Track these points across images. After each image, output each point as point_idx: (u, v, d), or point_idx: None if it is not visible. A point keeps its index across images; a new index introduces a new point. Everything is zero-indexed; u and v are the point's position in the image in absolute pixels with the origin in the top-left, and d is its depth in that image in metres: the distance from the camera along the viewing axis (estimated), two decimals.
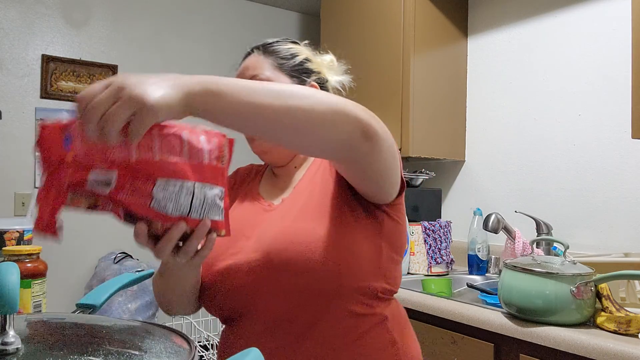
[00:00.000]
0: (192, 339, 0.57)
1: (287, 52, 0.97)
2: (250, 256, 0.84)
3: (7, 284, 0.46)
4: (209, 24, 3.00)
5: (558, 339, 1.22)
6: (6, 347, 0.45)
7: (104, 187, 0.59)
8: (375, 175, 0.79)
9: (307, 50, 1.01)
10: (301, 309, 0.82)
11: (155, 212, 0.60)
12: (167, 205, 0.61)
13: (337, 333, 0.83)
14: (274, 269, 0.82)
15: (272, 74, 0.94)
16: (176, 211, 0.61)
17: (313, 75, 0.98)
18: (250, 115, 0.65)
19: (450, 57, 2.32)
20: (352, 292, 0.82)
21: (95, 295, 0.83)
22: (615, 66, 1.84)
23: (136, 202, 0.60)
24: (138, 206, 0.60)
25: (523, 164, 2.12)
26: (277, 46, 0.97)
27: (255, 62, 0.96)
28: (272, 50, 0.97)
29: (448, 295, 1.78)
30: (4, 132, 2.44)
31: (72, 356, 0.46)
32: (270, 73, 0.94)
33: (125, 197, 0.59)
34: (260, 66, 0.94)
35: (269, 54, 0.96)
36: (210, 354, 1.63)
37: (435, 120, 2.25)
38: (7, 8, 2.45)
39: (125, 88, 0.55)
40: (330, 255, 0.81)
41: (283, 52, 0.97)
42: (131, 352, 0.50)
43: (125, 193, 0.59)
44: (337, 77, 1.04)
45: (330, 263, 0.80)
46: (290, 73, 0.96)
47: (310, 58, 1.00)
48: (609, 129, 1.86)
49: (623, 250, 1.77)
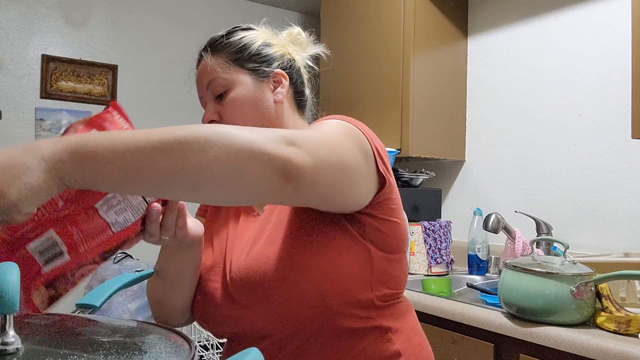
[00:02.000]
0: (192, 339, 0.57)
1: (240, 43, 0.87)
2: (226, 281, 0.80)
3: (7, 284, 0.46)
4: (209, 24, 2.99)
5: (558, 339, 1.22)
6: (6, 347, 0.45)
7: (56, 255, 0.54)
8: (318, 202, 0.70)
9: (265, 32, 0.92)
10: (294, 333, 0.77)
11: (122, 230, 0.58)
12: (126, 216, 0.58)
13: (333, 354, 0.76)
14: (249, 297, 0.77)
15: (229, 73, 0.86)
16: (138, 211, 0.61)
17: (275, 61, 0.89)
18: (140, 182, 0.55)
19: (450, 57, 2.31)
20: (341, 309, 0.74)
21: (95, 295, 0.83)
22: (615, 66, 1.84)
23: (100, 241, 0.57)
24: (105, 242, 0.57)
25: (523, 164, 2.12)
26: (227, 39, 0.88)
27: (206, 66, 0.87)
28: (222, 46, 0.88)
29: (448, 295, 1.78)
30: (4, 132, 2.43)
31: (72, 356, 0.46)
32: (226, 74, 0.85)
33: (88, 246, 0.56)
34: (213, 69, 0.86)
35: (219, 52, 0.87)
36: (210, 354, 1.63)
37: (435, 120, 2.25)
38: (7, 8, 2.45)
39: None
40: (305, 277, 0.73)
41: (234, 45, 0.87)
42: (131, 352, 0.50)
43: (84, 244, 0.55)
44: (304, 53, 0.95)
45: (306, 285, 0.72)
46: (249, 66, 0.86)
47: (270, 41, 0.90)
48: (609, 129, 1.86)
49: (623, 250, 1.77)
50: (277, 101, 0.88)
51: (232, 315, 0.79)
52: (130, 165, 0.53)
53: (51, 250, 0.55)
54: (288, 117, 0.91)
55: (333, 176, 0.66)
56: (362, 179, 0.73)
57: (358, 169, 0.71)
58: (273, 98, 0.88)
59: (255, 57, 0.87)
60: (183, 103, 2.84)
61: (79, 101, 2.60)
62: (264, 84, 0.88)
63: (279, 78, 0.89)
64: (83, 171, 0.52)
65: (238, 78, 0.86)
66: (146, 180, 0.55)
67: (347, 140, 0.71)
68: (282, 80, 0.89)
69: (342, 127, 0.74)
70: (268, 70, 0.88)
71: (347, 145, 0.70)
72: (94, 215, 0.55)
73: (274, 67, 0.88)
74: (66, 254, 0.55)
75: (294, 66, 0.92)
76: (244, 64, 0.87)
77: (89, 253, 0.56)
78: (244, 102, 0.86)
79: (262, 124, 0.86)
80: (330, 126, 0.73)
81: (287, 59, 0.91)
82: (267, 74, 0.87)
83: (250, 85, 0.87)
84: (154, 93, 2.81)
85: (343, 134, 0.72)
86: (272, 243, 0.78)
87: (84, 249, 0.55)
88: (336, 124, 0.74)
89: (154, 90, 2.81)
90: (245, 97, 0.86)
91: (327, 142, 0.67)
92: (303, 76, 0.94)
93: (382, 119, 2.25)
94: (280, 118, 0.89)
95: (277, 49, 0.90)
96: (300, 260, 0.74)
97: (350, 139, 0.72)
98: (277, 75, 0.88)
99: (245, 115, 0.86)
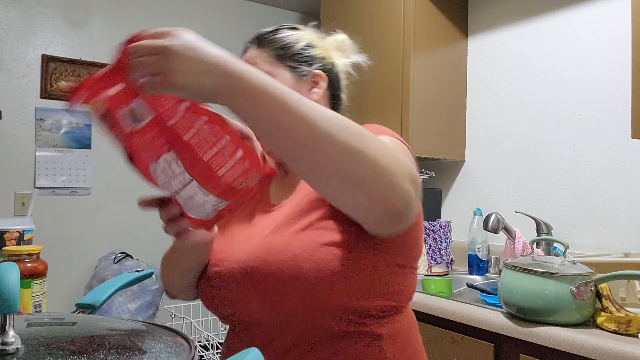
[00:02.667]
0: (192, 339, 0.57)
1: (285, 41, 0.89)
2: (233, 266, 0.81)
3: (7, 284, 0.46)
4: (209, 24, 3.00)
5: (558, 339, 1.22)
6: (6, 347, 0.45)
7: (133, 121, 0.58)
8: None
9: (311, 34, 0.93)
10: (285, 327, 0.77)
11: (148, 172, 0.62)
12: (159, 176, 0.62)
13: (321, 355, 0.76)
14: (251, 283, 0.77)
15: (270, 67, 0.87)
16: (163, 186, 0.63)
17: (316, 62, 0.90)
18: (314, 144, 0.58)
19: (450, 57, 2.31)
20: (332, 312, 0.74)
21: (95, 295, 0.83)
22: (615, 66, 1.84)
23: (142, 154, 0.60)
24: (141, 159, 0.61)
25: (523, 164, 2.12)
26: (273, 36, 0.90)
27: (250, 57, 0.89)
28: (268, 40, 0.90)
29: (448, 295, 1.78)
30: (4, 132, 2.44)
31: (72, 356, 0.46)
32: (268, 67, 0.87)
33: (138, 144, 0.59)
34: (255, 61, 0.88)
35: (265, 46, 0.89)
36: (210, 354, 1.63)
37: (435, 121, 2.25)
38: (7, 8, 2.45)
39: (170, 55, 0.55)
40: (301, 274, 0.72)
41: (280, 41, 0.89)
42: (131, 352, 0.50)
43: (140, 140, 0.59)
44: (345, 60, 0.96)
45: (300, 283, 0.72)
46: (290, 64, 0.88)
47: (314, 43, 0.92)
48: (609, 129, 1.86)
49: (623, 250, 1.77)
50: (314, 100, 0.88)
51: (230, 298, 0.81)
52: (314, 122, 0.58)
53: (133, 118, 0.59)
54: None
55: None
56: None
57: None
58: (308, 97, 0.87)
59: (297, 56, 0.89)
60: None
61: None
62: (302, 82, 0.89)
63: (317, 79, 0.90)
64: (255, 106, 0.57)
65: (278, 72, 0.87)
66: (323, 144, 0.58)
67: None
68: (319, 81, 0.90)
69: (408, 152, 0.78)
70: (307, 70, 0.89)
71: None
72: (165, 150, 0.60)
73: (313, 67, 0.90)
74: (129, 129, 0.59)
75: (333, 70, 0.93)
76: (285, 61, 0.88)
77: (130, 145, 0.61)
78: None
79: None
80: (402, 150, 0.76)
81: (328, 62, 0.92)
82: (306, 73, 0.89)
83: (288, 81, 0.88)
84: None
85: (413, 161, 0.76)
86: (278, 234, 0.78)
87: (135, 141, 0.60)
88: (403, 147, 0.78)
89: None
90: None
91: (416, 177, 0.70)
92: (341, 81, 0.96)
93: (382, 119, 2.25)
94: None
95: (320, 51, 0.92)
96: (300, 255, 0.73)
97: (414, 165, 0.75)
98: (316, 75, 0.90)
99: None
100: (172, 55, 0.55)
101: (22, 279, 1.07)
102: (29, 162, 2.48)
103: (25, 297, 1.09)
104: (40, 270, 1.14)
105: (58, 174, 2.53)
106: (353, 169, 0.59)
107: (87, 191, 2.62)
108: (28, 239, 1.39)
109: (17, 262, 1.06)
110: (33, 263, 1.13)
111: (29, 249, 1.14)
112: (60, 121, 2.55)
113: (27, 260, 1.13)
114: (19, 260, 1.11)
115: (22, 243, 1.38)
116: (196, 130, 0.58)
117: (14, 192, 2.45)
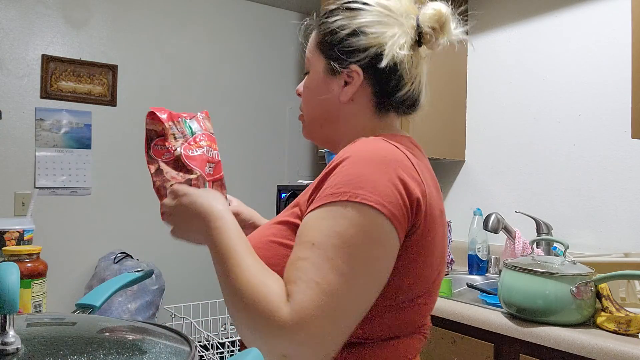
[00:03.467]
0: (192, 339, 0.57)
1: (329, 28, 0.81)
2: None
3: (7, 284, 0.46)
4: (209, 23, 3.00)
5: (558, 339, 1.22)
6: (6, 347, 0.45)
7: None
8: None
9: (372, 14, 0.79)
10: None
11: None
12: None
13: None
14: None
15: (312, 54, 0.84)
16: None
17: (357, 55, 0.78)
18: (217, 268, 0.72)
19: (450, 57, 2.31)
20: None
21: (95, 295, 0.83)
22: (615, 66, 1.84)
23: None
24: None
25: (523, 164, 2.12)
26: (324, 19, 0.83)
27: (311, 41, 0.86)
28: (320, 24, 0.83)
29: (448, 295, 1.78)
30: (4, 132, 2.44)
31: (72, 356, 0.46)
32: (311, 54, 0.84)
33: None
34: (310, 45, 0.85)
35: (316, 29, 0.84)
36: (210, 354, 1.63)
37: (435, 120, 2.25)
38: (7, 8, 2.45)
39: (181, 212, 0.79)
40: None
41: (326, 26, 0.81)
42: (131, 352, 0.50)
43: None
44: (402, 51, 0.77)
45: None
46: (326, 55, 0.81)
47: (365, 27, 0.78)
48: (609, 129, 1.86)
49: (623, 250, 1.77)
50: (341, 100, 0.81)
51: None
52: (221, 272, 0.70)
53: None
54: (357, 118, 0.82)
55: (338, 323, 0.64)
56: (384, 268, 0.67)
57: (377, 275, 0.66)
58: (339, 96, 0.81)
59: (337, 46, 0.79)
60: (183, 103, 2.85)
61: (79, 101, 2.60)
62: (334, 79, 0.81)
63: (352, 74, 0.80)
64: (211, 254, 0.73)
65: (315, 64, 0.84)
66: (223, 289, 0.70)
67: (358, 261, 0.64)
68: (354, 78, 0.80)
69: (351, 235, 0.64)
70: (340, 65, 0.79)
71: (357, 272, 0.64)
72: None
73: (351, 61, 0.79)
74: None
75: (380, 61, 0.77)
76: (323, 50, 0.82)
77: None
78: (310, 92, 0.85)
79: (325, 118, 0.84)
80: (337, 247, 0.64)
81: (374, 53, 0.78)
82: (338, 70, 0.80)
83: (319, 74, 0.83)
84: (154, 93, 2.81)
85: (351, 254, 0.63)
86: (264, 229, 0.78)
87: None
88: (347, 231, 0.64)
89: (154, 90, 2.81)
90: (311, 84, 0.85)
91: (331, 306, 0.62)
92: (401, 73, 0.80)
93: None
94: (343, 118, 0.83)
95: (368, 40, 0.78)
96: (254, 247, 0.73)
97: (362, 249, 0.64)
98: (351, 71, 0.79)
99: (310, 105, 0.86)
100: (185, 207, 0.79)
101: (22, 279, 1.07)
102: (29, 162, 2.48)
103: (25, 297, 1.09)
104: (40, 270, 1.14)
105: (58, 174, 2.53)
106: (237, 330, 0.68)
107: (87, 191, 2.62)
108: (28, 239, 1.39)
109: (17, 262, 1.06)
110: (33, 263, 1.13)
111: (29, 249, 1.14)
112: (60, 121, 2.55)
113: (27, 260, 1.13)
114: (19, 260, 1.11)
115: (22, 243, 1.38)
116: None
117: (14, 192, 2.45)
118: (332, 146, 0.88)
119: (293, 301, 0.61)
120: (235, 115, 3.07)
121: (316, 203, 0.68)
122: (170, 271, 2.73)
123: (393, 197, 0.65)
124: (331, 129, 0.85)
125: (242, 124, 3.10)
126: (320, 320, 0.60)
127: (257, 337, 0.63)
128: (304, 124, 0.89)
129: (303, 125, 0.90)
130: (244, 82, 3.12)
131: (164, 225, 0.85)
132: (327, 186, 0.68)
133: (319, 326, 0.60)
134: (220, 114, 2.98)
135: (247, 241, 0.71)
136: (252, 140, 3.14)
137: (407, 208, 0.67)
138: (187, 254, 2.81)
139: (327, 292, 0.61)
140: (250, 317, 0.63)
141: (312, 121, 0.87)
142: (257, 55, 3.16)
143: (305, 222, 0.68)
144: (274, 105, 3.23)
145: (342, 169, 0.68)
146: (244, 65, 3.11)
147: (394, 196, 0.66)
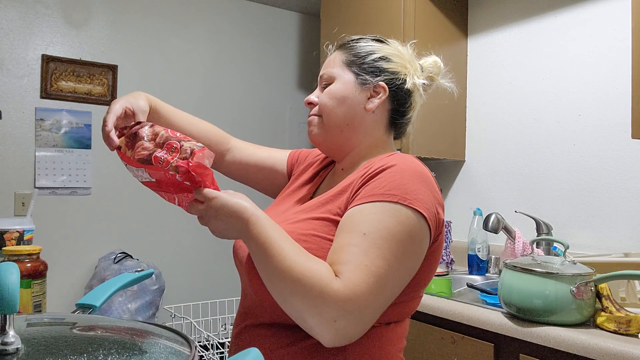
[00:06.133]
0: (192, 339, 0.57)
1: (361, 50, 0.95)
2: (245, 247, 0.87)
3: (7, 284, 0.46)
4: (209, 24, 2.99)
5: (558, 339, 1.22)
6: (6, 347, 0.45)
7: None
8: None
9: (392, 49, 0.96)
10: (249, 311, 0.87)
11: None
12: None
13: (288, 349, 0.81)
14: (241, 262, 0.87)
15: (339, 69, 0.94)
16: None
17: (385, 74, 0.93)
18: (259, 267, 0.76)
19: (450, 57, 2.31)
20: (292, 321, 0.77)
21: (95, 295, 0.83)
22: (615, 66, 1.84)
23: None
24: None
25: (523, 164, 2.12)
26: (355, 43, 0.96)
27: (330, 60, 0.97)
28: (350, 47, 0.96)
29: (448, 295, 1.78)
30: (4, 132, 2.44)
31: (72, 356, 0.46)
32: (338, 69, 0.94)
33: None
34: (332, 63, 0.95)
35: (343, 51, 0.96)
36: (210, 354, 1.63)
37: (435, 120, 2.25)
38: (7, 8, 2.45)
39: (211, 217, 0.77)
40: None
41: (356, 49, 0.95)
42: (131, 352, 0.50)
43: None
44: (419, 80, 0.97)
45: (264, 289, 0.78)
46: (358, 70, 0.93)
47: (390, 56, 0.95)
48: (609, 129, 1.86)
49: (623, 250, 1.77)
50: (367, 109, 0.92)
51: (241, 271, 0.90)
52: (270, 269, 0.74)
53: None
54: (374, 129, 0.94)
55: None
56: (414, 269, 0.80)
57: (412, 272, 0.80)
58: (365, 105, 0.92)
59: (365, 65, 0.93)
60: (183, 103, 2.85)
61: (79, 101, 2.60)
62: (363, 90, 0.92)
63: (379, 89, 0.92)
64: (251, 248, 0.77)
65: (344, 74, 0.93)
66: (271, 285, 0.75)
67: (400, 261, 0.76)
68: (380, 92, 0.92)
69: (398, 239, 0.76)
70: (370, 79, 0.92)
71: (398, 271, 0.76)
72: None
73: (379, 79, 0.92)
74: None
75: (402, 86, 0.94)
76: (353, 67, 0.93)
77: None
78: (336, 95, 0.92)
79: (347, 124, 0.92)
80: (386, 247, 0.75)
81: (400, 78, 0.94)
82: (368, 82, 0.92)
83: (349, 84, 0.93)
84: (154, 93, 2.78)
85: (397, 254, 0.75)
86: (287, 223, 0.85)
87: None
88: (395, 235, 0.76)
89: (154, 91, 2.81)
90: (340, 92, 0.92)
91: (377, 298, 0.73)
92: (410, 98, 0.96)
93: None
94: (364, 126, 0.93)
95: (393, 66, 0.94)
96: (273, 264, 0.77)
97: (403, 252, 0.76)
98: (378, 86, 0.92)
99: (333, 107, 0.92)
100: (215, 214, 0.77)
101: (22, 279, 1.07)
102: (29, 162, 2.48)
103: (25, 297, 1.09)
104: (40, 270, 1.14)
105: (58, 174, 2.53)
106: (287, 307, 0.74)
107: (87, 191, 2.62)
108: (28, 239, 1.39)
109: (17, 262, 1.06)
110: (33, 263, 1.13)
111: (29, 249, 1.14)
112: (60, 121, 2.55)
113: (27, 260, 1.13)
114: (19, 260, 1.11)
115: (22, 243, 1.38)
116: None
117: (14, 192, 2.45)
118: (339, 154, 0.96)
119: (343, 277, 0.71)
120: (235, 115, 3.07)
121: (365, 199, 0.78)
122: (170, 271, 2.73)
123: (432, 209, 0.80)
124: (350, 135, 0.93)
125: (242, 124, 3.10)
126: (367, 295, 0.71)
127: (310, 305, 0.70)
128: (323, 127, 0.94)
129: (319, 128, 0.95)
130: (244, 82, 3.12)
131: (164, 225, 0.86)
132: (375, 186, 0.79)
133: (365, 300, 0.71)
134: (220, 114, 2.98)
135: (283, 231, 0.78)
136: (251, 140, 3.13)
137: (437, 221, 0.81)
138: (187, 254, 2.81)
139: (374, 274, 0.72)
140: (303, 287, 0.70)
141: (334, 125, 0.93)
142: (257, 55, 3.16)
143: (352, 213, 0.78)
144: (274, 105, 3.23)
145: (389, 175, 0.80)
146: (244, 66, 3.11)
147: (433, 208, 0.80)
